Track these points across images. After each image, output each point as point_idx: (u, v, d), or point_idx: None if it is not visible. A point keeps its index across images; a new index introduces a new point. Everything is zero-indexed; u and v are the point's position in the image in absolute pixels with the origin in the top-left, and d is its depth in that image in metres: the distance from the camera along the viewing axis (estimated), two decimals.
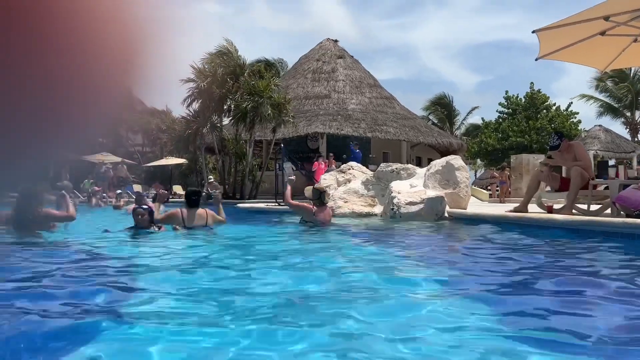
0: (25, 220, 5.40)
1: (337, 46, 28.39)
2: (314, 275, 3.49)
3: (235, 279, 3.40)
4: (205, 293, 2.91)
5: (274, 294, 2.86)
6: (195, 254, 4.71)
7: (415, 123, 26.24)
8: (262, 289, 3.00)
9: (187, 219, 6.33)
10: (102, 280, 3.33)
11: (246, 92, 18.65)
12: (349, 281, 3.22)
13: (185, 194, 6.76)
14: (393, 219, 8.03)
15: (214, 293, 2.92)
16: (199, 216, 6.42)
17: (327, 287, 3.06)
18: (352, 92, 25.49)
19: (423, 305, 2.55)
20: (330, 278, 3.35)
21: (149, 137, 32.82)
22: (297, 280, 3.24)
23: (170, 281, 3.26)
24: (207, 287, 3.09)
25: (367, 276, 3.37)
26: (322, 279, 3.33)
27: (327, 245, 5.58)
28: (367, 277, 3.32)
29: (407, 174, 9.32)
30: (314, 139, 23.73)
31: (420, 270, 3.71)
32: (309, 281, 3.24)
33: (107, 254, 4.56)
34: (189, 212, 6.42)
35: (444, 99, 43.02)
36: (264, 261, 4.25)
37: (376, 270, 3.64)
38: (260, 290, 2.99)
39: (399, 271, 3.70)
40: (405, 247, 5.34)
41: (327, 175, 10.46)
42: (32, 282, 3.28)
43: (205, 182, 19.57)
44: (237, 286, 3.12)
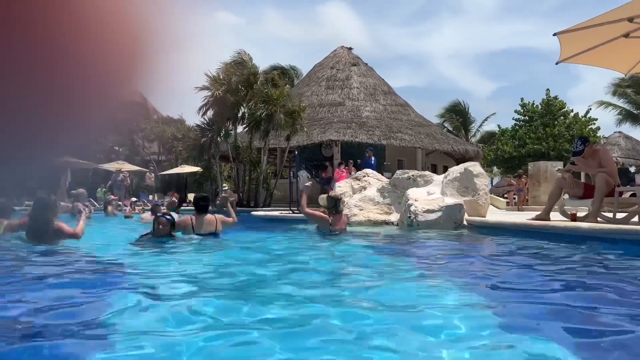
0: (38, 231, 5.34)
1: (351, 54, 28.34)
2: (330, 287, 3.35)
3: (248, 290, 3.27)
4: (219, 305, 2.78)
5: (291, 306, 2.72)
6: (207, 267, 4.60)
7: (431, 130, 26.01)
8: (278, 301, 2.87)
9: (196, 225, 6.23)
10: (111, 291, 3.22)
11: (260, 100, 18.65)
12: (367, 293, 3.07)
13: (193, 199, 6.66)
14: (410, 227, 7.85)
15: (227, 306, 2.79)
16: (208, 222, 6.31)
17: (343, 299, 2.91)
18: (366, 100, 25.37)
19: (445, 318, 2.40)
20: (347, 289, 3.20)
21: (165, 145, 33.00)
22: (314, 293, 3.10)
23: (183, 293, 3.14)
24: (220, 301, 2.96)
25: (387, 288, 3.22)
26: (338, 289, 3.19)
27: (344, 254, 5.43)
28: (387, 290, 3.17)
29: (424, 181, 9.13)
30: (328, 146, 23.62)
31: (442, 282, 3.54)
32: (324, 293, 3.09)
33: (118, 265, 4.47)
34: (198, 219, 6.32)
35: (459, 106, 42.63)
36: (280, 272, 4.11)
37: (396, 281, 3.48)
38: (276, 301, 2.86)
39: (419, 282, 3.54)
40: (424, 257, 5.17)
41: (342, 183, 10.31)
42: (44, 290, 3.18)
43: (219, 190, 19.55)
44: (250, 297, 2.99)
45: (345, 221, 7.21)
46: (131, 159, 31.71)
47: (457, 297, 2.95)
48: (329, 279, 3.67)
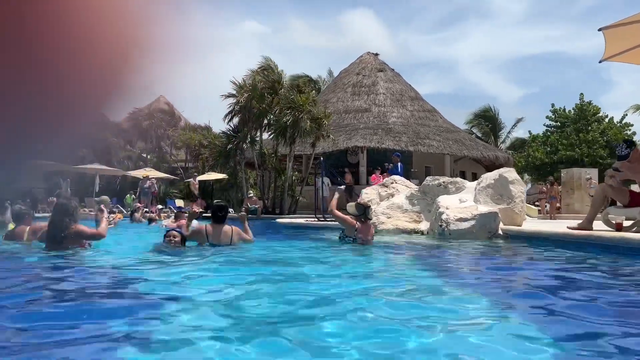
0: (57, 236, 5.21)
1: (377, 59, 28.03)
2: (356, 300, 3.05)
3: (272, 301, 2.99)
4: (241, 318, 2.52)
5: (311, 322, 2.44)
6: (221, 278, 4.35)
7: (459, 136, 25.46)
8: (301, 312, 2.59)
9: (211, 235, 5.96)
10: (121, 302, 3.00)
11: (285, 106, 18.50)
12: (396, 308, 2.77)
13: (211, 209, 6.34)
14: (441, 237, 7.47)
15: (248, 317, 2.53)
16: (224, 233, 6.02)
17: (371, 313, 2.62)
18: (393, 106, 25.00)
19: (483, 337, 2.10)
20: (375, 303, 2.90)
21: (192, 152, 33.21)
22: (339, 307, 2.81)
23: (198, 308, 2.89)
24: (241, 312, 2.70)
25: (419, 304, 2.91)
26: (365, 303, 2.89)
27: (371, 265, 5.12)
28: (419, 305, 2.86)
29: (456, 187, 8.74)
30: (354, 153, 23.32)
31: (478, 297, 3.21)
32: (350, 306, 2.80)
33: (131, 275, 4.26)
34: (214, 229, 6.03)
35: (489, 111, 41.73)
36: (302, 282, 3.83)
37: (429, 297, 3.16)
38: (299, 314, 2.58)
39: (453, 297, 3.21)
40: (458, 270, 4.82)
41: (369, 190, 9.99)
42: (53, 299, 2.98)
43: (245, 197, 19.43)
44: (276, 309, 2.71)
45: (372, 231, 6.88)
46: (159, 166, 32.02)
47: (497, 317, 2.62)
48: (354, 291, 3.37)
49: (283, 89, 19.78)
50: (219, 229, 6.02)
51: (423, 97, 27.24)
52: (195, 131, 33.40)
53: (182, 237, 5.70)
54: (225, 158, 20.03)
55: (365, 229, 6.65)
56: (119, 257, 5.29)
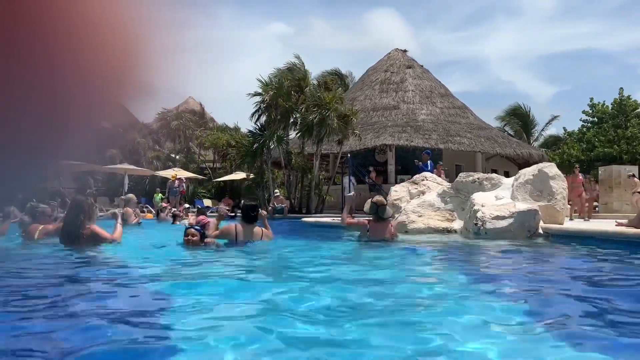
0: (72, 234, 4.99)
1: (405, 56, 27.47)
2: (375, 304, 2.68)
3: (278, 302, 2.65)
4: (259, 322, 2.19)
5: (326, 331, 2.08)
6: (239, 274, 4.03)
7: (491, 133, 24.69)
8: (310, 324, 2.24)
9: (241, 235, 5.69)
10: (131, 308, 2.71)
11: (312, 104, 18.19)
12: (425, 316, 2.38)
13: (242, 208, 6.06)
14: (476, 236, 7.00)
15: (268, 322, 2.19)
16: (255, 234, 5.77)
17: (396, 322, 2.24)
18: (422, 103, 24.42)
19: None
20: (400, 309, 2.52)
21: (219, 152, 33.27)
22: (352, 311, 2.44)
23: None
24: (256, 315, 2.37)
25: (453, 313, 2.51)
26: (388, 308, 2.51)
27: (394, 266, 4.72)
28: (452, 315, 2.46)
29: (491, 184, 8.23)
30: (382, 152, 22.84)
31: (526, 305, 2.79)
32: (381, 311, 2.43)
33: (143, 276, 3.97)
34: (245, 229, 5.77)
35: (520, 109, 40.58)
36: (310, 284, 3.47)
37: (464, 304, 2.76)
38: (308, 324, 2.23)
39: (494, 305, 2.80)
40: (498, 273, 4.38)
41: (398, 187, 9.55)
42: (62, 303, 2.71)
43: (271, 197, 19.20)
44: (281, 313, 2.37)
45: (391, 230, 6.53)
46: (187, 167, 32.17)
47: (546, 331, 2.21)
48: (375, 293, 2.99)
49: (310, 87, 19.49)
50: (250, 229, 5.78)
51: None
52: (223, 131, 33.45)
53: (202, 235, 5.43)
54: (252, 157, 19.82)
55: (378, 228, 6.38)
56: (132, 256, 5.03)
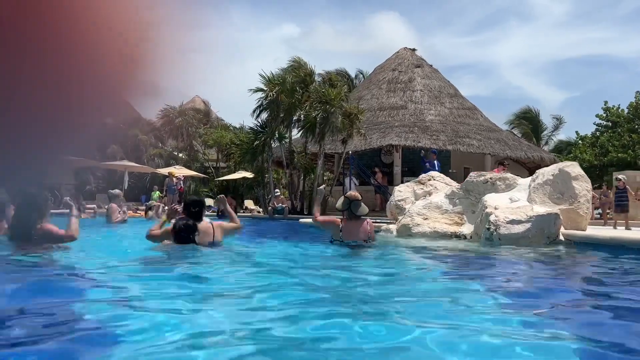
0: (22, 233, 4.29)
1: (414, 55, 26.70)
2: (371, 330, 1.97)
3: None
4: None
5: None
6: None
7: (501, 136, 23.87)
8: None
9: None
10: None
11: (316, 100, 17.47)
12: (426, 339, 1.68)
13: (183, 203, 5.30)
14: (489, 242, 6.26)
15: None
16: (204, 232, 5.00)
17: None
18: (430, 103, 23.65)
19: None
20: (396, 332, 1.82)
21: (223, 151, 32.66)
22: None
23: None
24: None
25: (460, 337, 1.81)
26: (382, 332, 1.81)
27: (390, 274, 4.00)
28: (458, 336, 1.76)
29: (506, 185, 7.48)
30: (388, 152, 22.11)
31: (550, 335, 2.09)
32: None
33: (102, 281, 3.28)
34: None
35: (530, 112, 39.73)
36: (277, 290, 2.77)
37: (474, 324, 2.05)
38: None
39: (509, 330, 2.09)
40: (516, 287, 3.65)
41: (403, 187, 8.83)
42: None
43: (272, 196, 18.50)
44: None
45: (366, 229, 5.65)
46: (190, 165, 31.56)
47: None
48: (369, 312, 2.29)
49: (314, 83, 18.78)
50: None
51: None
52: (227, 130, 32.82)
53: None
54: (252, 155, 19.11)
55: (352, 228, 5.56)
56: (90, 259, 4.34)
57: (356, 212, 5.61)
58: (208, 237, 4.96)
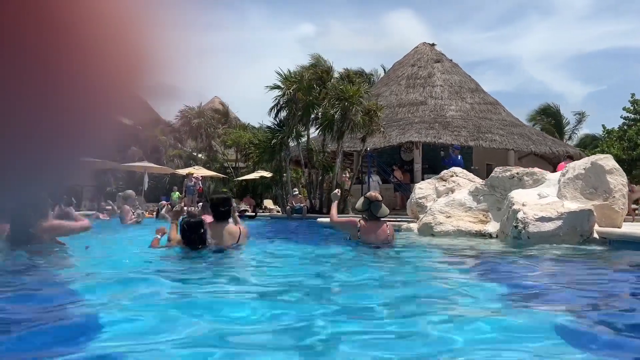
0: (20, 236, 4.09)
1: (434, 50, 26.19)
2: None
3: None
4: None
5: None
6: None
7: (525, 130, 23.23)
8: None
9: (211, 236, 4.70)
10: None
11: (334, 97, 17.16)
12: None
13: (210, 202, 5.02)
14: (517, 241, 5.89)
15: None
16: (229, 234, 4.74)
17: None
18: (451, 98, 23.14)
19: None
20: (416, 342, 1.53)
21: (241, 151, 32.60)
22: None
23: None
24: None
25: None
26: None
27: (413, 277, 3.69)
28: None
29: (533, 180, 7.08)
30: (407, 149, 21.68)
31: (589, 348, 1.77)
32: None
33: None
34: (215, 228, 4.73)
35: (550, 108, 38.83)
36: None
37: (503, 334, 1.75)
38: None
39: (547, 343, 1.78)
40: (549, 292, 3.31)
41: (424, 184, 8.48)
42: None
43: (290, 195, 18.27)
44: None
45: (386, 232, 5.42)
46: (209, 165, 31.57)
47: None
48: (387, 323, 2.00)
49: (332, 80, 18.48)
50: (222, 227, 4.77)
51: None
52: (245, 129, 32.75)
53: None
54: (270, 154, 18.90)
55: (371, 229, 5.31)
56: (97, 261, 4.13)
57: (377, 213, 5.37)
58: (232, 239, 4.72)
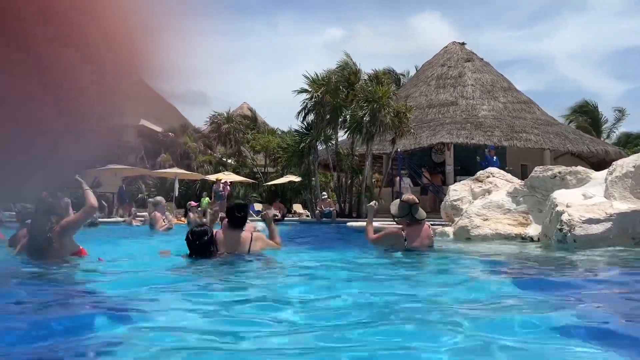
0: (38, 243, 3.95)
1: (464, 49, 25.63)
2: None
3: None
4: None
5: None
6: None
7: (561, 129, 22.44)
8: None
9: (222, 243, 4.50)
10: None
11: (362, 99, 16.88)
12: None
13: (228, 209, 4.86)
14: (562, 244, 5.50)
15: None
16: (241, 243, 4.53)
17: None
18: (482, 98, 22.55)
19: None
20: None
21: (270, 156, 32.62)
22: None
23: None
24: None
25: None
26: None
27: (448, 287, 3.39)
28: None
29: (577, 179, 6.65)
30: (439, 151, 21.21)
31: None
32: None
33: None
34: (227, 236, 4.56)
35: (587, 106, 37.50)
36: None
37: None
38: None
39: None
40: (603, 304, 2.97)
41: (459, 186, 8.13)
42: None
43: (319, 199, 18.05)
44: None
45: (429, 233, 5.27)
46: (238, 170, 31.67)
47: None
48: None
49: (360, 82, 18.20)
50: (235, 235, 4.58)
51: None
52: (273, 134, 32.76)
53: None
54: (299, 158, 18.72)
55: (415, 233, 5.12)
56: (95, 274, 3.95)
57: (418, 215, 5.19)
58: (243, 247, 4.53)
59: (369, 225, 5.59)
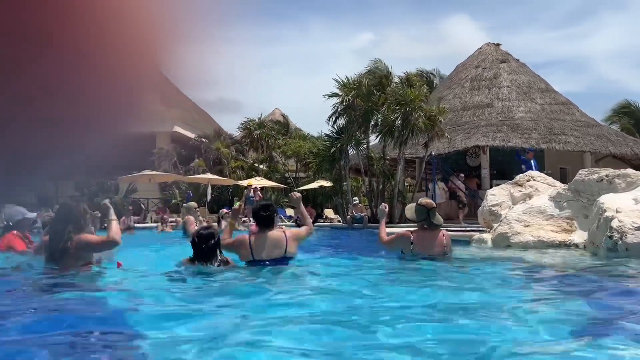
0: (56, 249, 3.85)
1: (499, 50, 24.99)
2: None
3: None
4: None
5: None
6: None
7: (602, 131, 21.56)
8: None
9: (255, 247, 4.32)
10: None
11: (394, 102, 16.58)
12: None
13: (253, 212, 4.74)
14: (611, 253, 5.12)
15: None
16: (274, 242, 4.36)
17: None
18: (519, 99, 21.89)
19: None
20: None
21: (301, 161, 32.57)
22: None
23: None
24: None
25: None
26: None
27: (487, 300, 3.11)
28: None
29: (626, 182, 6.22)
30: (474, 154, 20.66)
31: None
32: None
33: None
34: (258, 238, 4.38)
35: (629, 106, 36.05)
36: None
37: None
38: None
39: None
40: None
41: (496, 190, 7.76)
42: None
43: (350, 205, 17.81)
44: None
45: (443, 242, 4.94)
46: (270, 176, 31.73)
47: None
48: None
49: (391, 86, 17.90)
50: (265, 236, 4.41)
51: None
52: (305, 139, 32.71)
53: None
54: (330, 163, 18.53)
55: (426, 239, 4.88)
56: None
57: (435, 220, 4.96)
58: (279, 249, 4.36)
59: (382, 228, 5.40)
